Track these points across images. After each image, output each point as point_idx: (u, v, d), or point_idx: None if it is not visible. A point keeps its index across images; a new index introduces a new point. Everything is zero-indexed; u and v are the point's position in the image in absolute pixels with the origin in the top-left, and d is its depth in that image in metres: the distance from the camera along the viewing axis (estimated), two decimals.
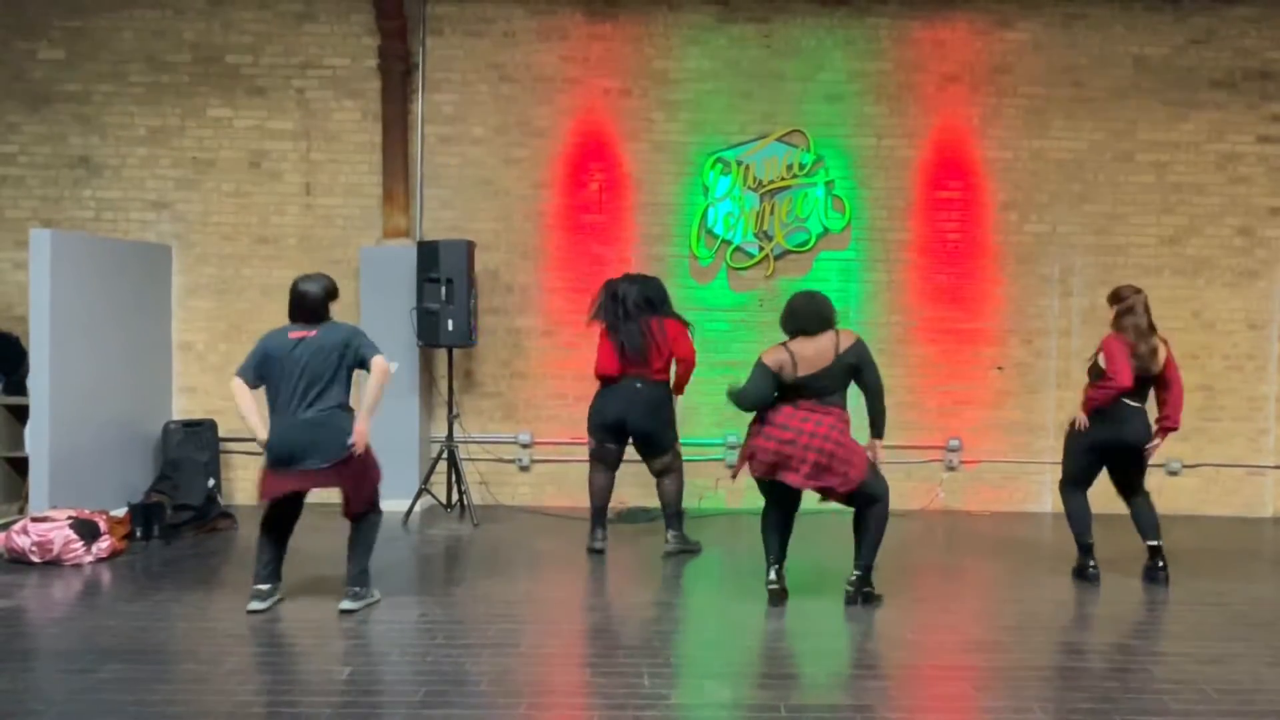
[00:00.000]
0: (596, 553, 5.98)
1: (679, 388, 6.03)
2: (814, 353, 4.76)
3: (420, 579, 5.68)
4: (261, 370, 4.69)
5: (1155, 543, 5.47)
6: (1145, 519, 5.49)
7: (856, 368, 4.80)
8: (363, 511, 4.84)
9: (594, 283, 7.57)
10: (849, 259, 7.59)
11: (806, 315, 4.85)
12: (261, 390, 4.71)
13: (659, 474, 6.01)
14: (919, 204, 7.59)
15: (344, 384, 4.73)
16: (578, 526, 6.60)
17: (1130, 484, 5.52)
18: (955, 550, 6.43)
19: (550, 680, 4.06)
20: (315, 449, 4.60)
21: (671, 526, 6.01)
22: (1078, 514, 5.52)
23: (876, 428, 4.92)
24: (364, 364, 4.69)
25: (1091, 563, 5.46)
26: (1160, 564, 5.45)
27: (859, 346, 4.82)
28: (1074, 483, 5.55)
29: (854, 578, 4.93)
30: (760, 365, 4.81)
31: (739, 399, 4.85)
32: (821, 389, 4.76)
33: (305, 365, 4.63)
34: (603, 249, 7.56)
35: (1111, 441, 5.38)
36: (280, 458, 4.63)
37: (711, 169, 7.53)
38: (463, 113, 7.58)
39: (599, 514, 6.05)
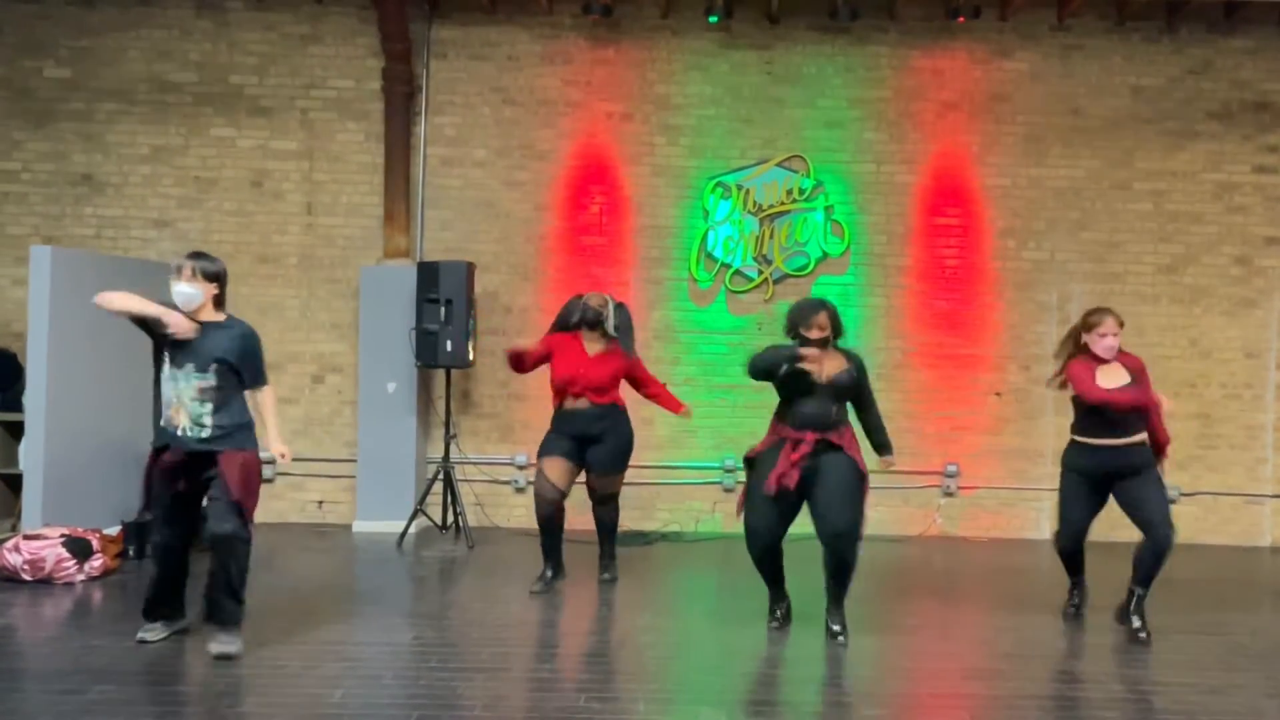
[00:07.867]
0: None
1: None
2: None
3: (414, 601, 5.65)
4: None
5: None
6: None
7: None
8: None
9: None
10: (848, 284, 7.60)
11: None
12: None
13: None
14: (918, 230, 7.62)
15: None
16: (572, 549, 6.57)
17: None
18: (952, 577, 6.40)
19: (544, 705, 4.02)
20: None
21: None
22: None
23: None
24: None
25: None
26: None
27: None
28: None
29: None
30: None
31: None
32: None
33: None
34: (602, 271, 7.57)
35: None
36: None
37: (712, 193, 7.56)
38: (465, 135, 7.62)
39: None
